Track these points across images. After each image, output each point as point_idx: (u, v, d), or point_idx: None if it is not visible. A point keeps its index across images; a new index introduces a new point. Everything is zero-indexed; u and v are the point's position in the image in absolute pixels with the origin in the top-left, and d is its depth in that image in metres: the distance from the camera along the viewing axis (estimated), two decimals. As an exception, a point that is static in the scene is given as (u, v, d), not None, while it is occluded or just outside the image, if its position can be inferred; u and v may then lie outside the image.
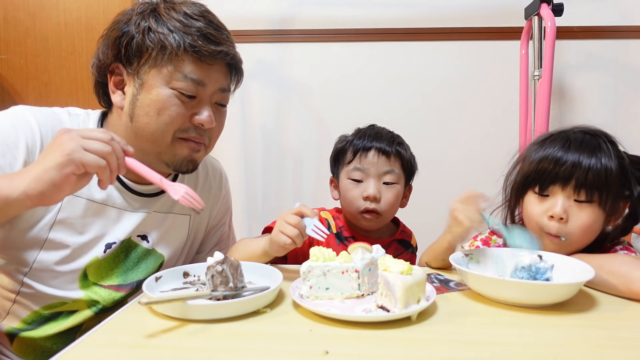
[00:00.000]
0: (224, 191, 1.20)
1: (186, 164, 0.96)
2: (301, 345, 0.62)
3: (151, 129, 0.91)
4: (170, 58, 0.88)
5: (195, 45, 0.88)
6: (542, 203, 0.96)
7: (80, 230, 0.93)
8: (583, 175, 0.90)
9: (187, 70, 0.89)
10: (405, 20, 2.12)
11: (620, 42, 2.07)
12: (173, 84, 0.89)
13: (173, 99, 0.90)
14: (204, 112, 0.93)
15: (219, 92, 0.96)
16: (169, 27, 0.89)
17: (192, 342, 0.63)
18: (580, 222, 0.93)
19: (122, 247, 0.98)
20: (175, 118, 0.90)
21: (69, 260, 0.92)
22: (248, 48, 2.16)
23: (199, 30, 0.89)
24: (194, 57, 0.89)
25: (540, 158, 0.95)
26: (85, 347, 0.62)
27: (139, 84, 0.91)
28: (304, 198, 2.20)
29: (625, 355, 0.60)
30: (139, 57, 0.90)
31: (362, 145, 1.16)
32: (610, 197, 0.92)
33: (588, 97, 2.10)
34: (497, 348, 0.61)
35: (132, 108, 0.92)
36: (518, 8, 1.97)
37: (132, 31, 0.89)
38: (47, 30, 2.13)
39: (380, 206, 1.14)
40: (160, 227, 1.03)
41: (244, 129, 2.22)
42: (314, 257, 0.79)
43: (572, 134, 0.97)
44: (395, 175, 1.15)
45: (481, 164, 2.07)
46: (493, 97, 2.13)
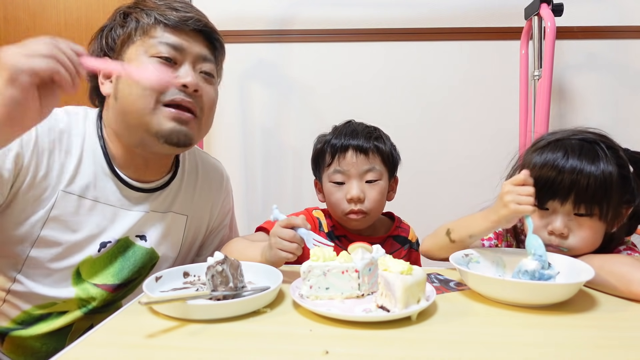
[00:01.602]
0: (224, 192, 1.20)
1: (177, 134, 0.92)
2: (301, 345, 0.62)
3: (133, 98, 0.90)
4: (143, 30, 0.94)
5: (164, 14, 0.94)
6: (542, 217, 0.94)
7: (74, 228, 0.93)
8: (582, 190, 0.89)
9: (159, 35, 0.93)
10: (405, 20, 2.12)
11: (620, 42, 2.07)
12: (150, 51, 0.93)
13: (152, 64, 0.92)
14: (185, 72, 0.93)
15: (200, 60, 0.97)
16: (141, 8, 0.95)
17: (192, 342, 0.63)
18: (581, 235, 0.92)
19: (118, 246, 0.98)
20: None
21: (61, 257, 0.92)
22: (248, 48, 2.16)
23: (166, 3, 0.96)
24: (165, 25, 0.94)
25: (538, 175, 0.92)
26: (85, 347, 0.62)
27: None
28: (304, 197, 2.20)
29: (625, 355, 0.59)
30: (119, 40, 0.95)
31: (339, 146, 1.14)
32: (610, 208, 0.90)
33: (588, 97, 2.10)
34: (497, 348, 0.61)
35: (116, 85, 0.94)
36: (518, 8, 1.97)
37: (111, 23, 0.97)
38: (48, 30, 2.13)
39: (366, 206, 1.13)
40: (159, 226, 1.03)
41: (244, 128, 2.21)
42: (314, 256, 0.79)
43: (568, 143, 0.94)
44: (376, 172, 1.14)
45: (481, 163, 2.07)
46: (493, 97, 2.13)
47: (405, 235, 1.26)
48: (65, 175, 0.92)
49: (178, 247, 1.08)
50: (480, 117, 2.14)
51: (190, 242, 1.12)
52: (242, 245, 1.07)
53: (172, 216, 1.06)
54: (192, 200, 1.11)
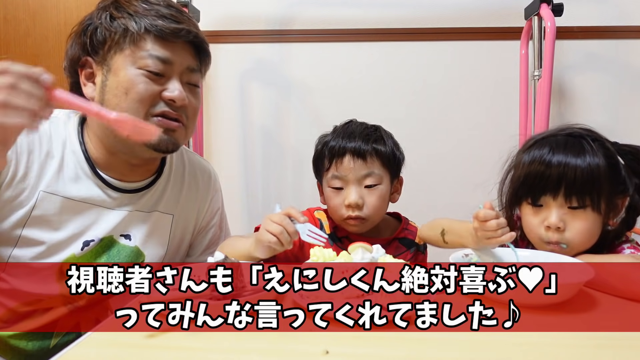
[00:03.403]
0: (212, 192, 1.19)
1: (165, 143, 0.95)
2: (301, 345, 0.62)
3: (121, 110, 0.90)
4: (132, 39, 0.91)
5: (155, 24, 0.91)
6: (537, 214, 0.96)
7: (57, 227, 0.93)
8: (571, 182, 0.90)
9: (149, 47, 0.91)
10: (405, 20, 2.12)
11: (620, 42, 2.07)
12: (138, 63, 0.91)
13: (140, 77, 0.91)
14: (174, 87, 0.93)
15: (188, 72, 0.97)
16: (129, 12, 0.92)
17: (192, 342, 0.63)
18: (577, 228, 0.93)
19: (102, 245, 0.98)
20: (144, 95, 0.91)
21: (44, 256, 0.92)
22: (247, 48, 2.16)
23: (158, 12, 0.93)
24: (155, 36, 0.92)
25: (527, 172, 0.95)
26: (84, 347, 0.62)
27: (106, 70, 0.92)
28: (304, 198, 2.20)
29: (624, 355, 0.60)
30: (103, 44, 0.92)
31: (337, 150, 1.11)
32: (602, 198, 0.91)
33: (588, 97, 2.10)
34: (496, 348, 0.61)
35: (102, 94, 0.93)
36: (518, 8, 1.97)
37: (95, 22, 0.93)
38: (48, 30, 2.13)
39: (364, 212, 1.10)
40: (144, 226, 1.03)
41: (243, 129, 2.22)
42: (314, 257, 0.79)
43: (554, 139, 0.96)
44: (375, 177, 1.11)
45: (481, 164, 2.06)
46: (493, 97, 2.13)
47: (412, 238, 1.22)
48: (45, 176, 0.92)
49: (165, 246, 1.08)
50: (480, 117, 2.14)
51: (178, 241, 1.12)
52: (235, 240, 1.09)
53: (157, 215, 1.05)
54: (179, 200, 1.10)
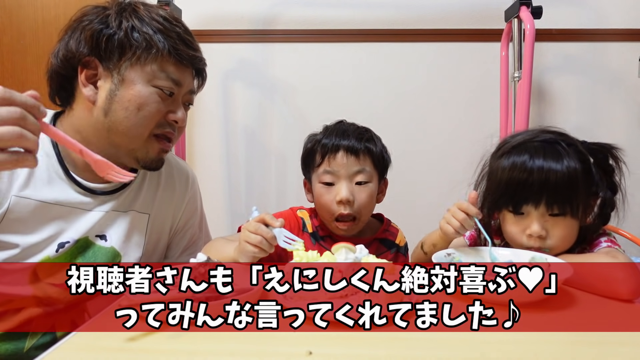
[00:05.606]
0: (190, 193, 1.19)
1: (156, 162, 1.01)
2: (285, 346, 0.61)
3: (129, 124, 0.93)
4: (156, 58, 0.93)
5: (178, 49, 0.95)
6: (518, 223, 0.98)
7: (31, 230, 0.91)
8: (552, 189, 0.92)
9: (170, 70, 0.95)
10: (387, 21, 2.13)
11: (598, 44, 2.12)
12: (155, 82, 0.93)
13: (154, 96, 0.94)
14: (179, 110, 0.99)
15: (189, 94, 1.03)
16: (153, 28, 0.93)
17: (173, 344, 0.62)
18: (558, 235, 0.95)
19: (77, 246, 0.96)
20: (155, 114, 0.94)
21: (17, 259, 0.90)
22: (230, 48, 2.15)
23: (179, 35, 0.96)
24: (176, 60, 0.95)
25: (508, 178, 0.96)
26: (63, 351, 0.61)
27: (118, 80, 0.92)
28: (288, 197, 2.19)
29: (603, 352, 0.61)
30: (120, 54, 0.92)
31: (330, 146, 1.12)
32: (580, 203, 0.93)
33: (567, 98, 2.14)
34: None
35: (109, 103, 0.92)
36: (498, 10, 1.99)
37: (114, 28, 0.91)
38: (24, 28, 2.08)
39: (355, 208, 1.11)
40: (120, 226, 1.02)
41: (226, 129, 2.20)
42: (298, 257, 0.79)
43: (531, 146, 0.97)
44: (367, 174, 1.12)
45: (463, 164, 2.08)
46: (474, 98, 2.15)
47: (393, 239, 1.24)
48: (17, 180, 0.90)
49: (141, 247, 1.06)
50: (461, 118, 2.16)
51: (154, 242, 1.11)
52: (220, 244, 1.08)
53: (133, 215, 1.04)
54: (155, 199, 1.10)
